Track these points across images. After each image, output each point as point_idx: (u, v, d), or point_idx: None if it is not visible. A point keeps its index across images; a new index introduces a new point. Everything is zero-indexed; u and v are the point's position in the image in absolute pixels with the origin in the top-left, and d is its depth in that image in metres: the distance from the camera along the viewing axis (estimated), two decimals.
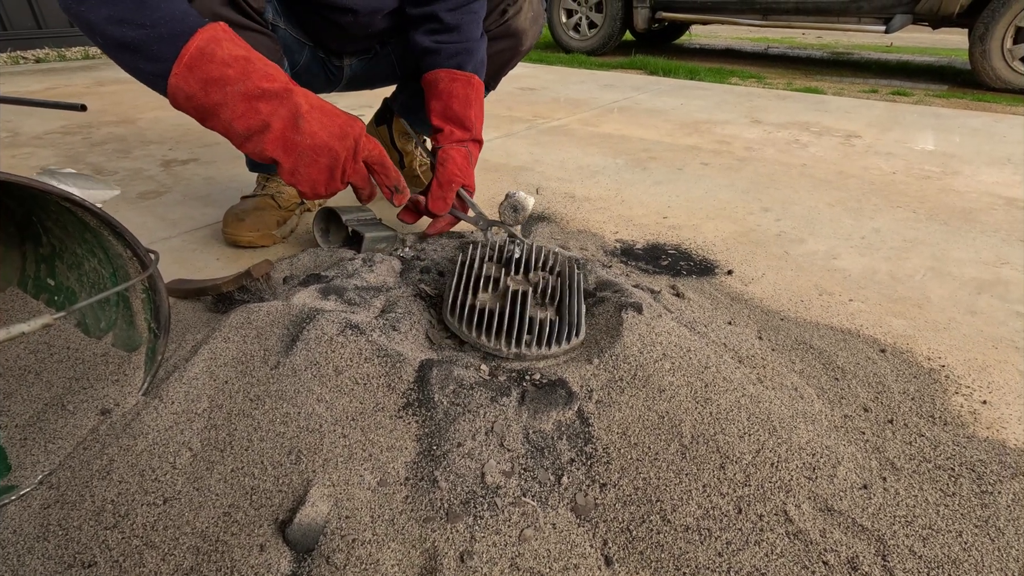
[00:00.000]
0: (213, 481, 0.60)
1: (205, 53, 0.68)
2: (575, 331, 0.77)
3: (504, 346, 0.75)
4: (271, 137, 0.72)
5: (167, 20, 0.67)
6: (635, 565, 0.56)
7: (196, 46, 0.68)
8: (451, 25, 0.98)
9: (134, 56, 0.69)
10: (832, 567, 0.56)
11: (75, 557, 0.55)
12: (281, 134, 0.72)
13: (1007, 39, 3.16)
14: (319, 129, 0.74)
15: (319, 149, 0.75)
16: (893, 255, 1.24)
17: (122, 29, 0.67)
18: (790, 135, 2.25)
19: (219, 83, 0.68)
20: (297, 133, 0.73)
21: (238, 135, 0.72)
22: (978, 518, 0.62)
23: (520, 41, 1.22)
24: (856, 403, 0.78)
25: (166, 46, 0.67)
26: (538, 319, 0.77)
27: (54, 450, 0.65)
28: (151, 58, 0.68)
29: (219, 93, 0.69)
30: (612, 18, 4.51)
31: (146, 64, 0.69)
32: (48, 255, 0.81)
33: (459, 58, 0.99)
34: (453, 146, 0.98)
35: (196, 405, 0.67)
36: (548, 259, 0.88)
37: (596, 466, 0.63)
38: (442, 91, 0.99)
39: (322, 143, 0.75)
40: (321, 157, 0.76)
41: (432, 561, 0.54)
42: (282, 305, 0.78)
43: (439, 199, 0.96)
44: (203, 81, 0.68)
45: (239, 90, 0.69)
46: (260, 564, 0.53)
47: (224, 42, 0.70)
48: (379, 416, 0.64)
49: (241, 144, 0.74)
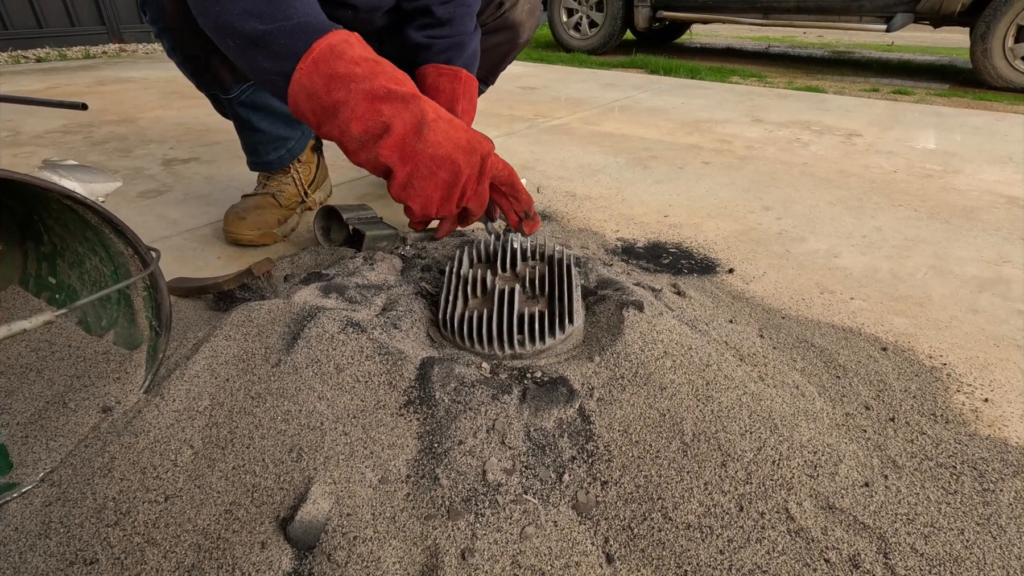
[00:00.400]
0: (214, 479, 0.60)
1: (336, 51, 0.65)
2: (568, 318, 0.76)
3: (498, 349, 0.74)
4: (390, 141, 0.66)
5: (300, 16, 0.65)
6: (636, 563, 0.56)
7: (328, 43, 0.65)
8: (443, 19, 0.97)
9: (259, 53, 0.66)
10: (834, 565, 0.56)
11: (77, 554, 0.55)
12: (401, 139, 0.66)
13: (1008, 38, 3.15)
14: (444, 140, 0.67)
15: (441, 161, 0.67)
16: (894, 253, 1.24)
17: (253, 23, 0.64)
18: (791, 134, 2.25)
19: (344, 80, 0.64)
20: (419, 140, 0.66)
21: (354, 139, 0.66)
22: (980, 516, 0.62)
23: (517, 33, 1.21)
24: (857, 401, 0.78)
25: (297, 40, 0.65)
26: (527, 314, 0.76)
27: (55, 448, 0.65)
28: (277, 54, 0.65)
29: (342, 90, 0.64)
30: (613, 17, 4.51)
31: (270, 61, 0.66)
32: (49, 253, 0.81)
33: (448, 53, 0.98)
34: None
35: (197, 403, 0.67)
36: (537, 250, 0.86)
37: (597, 464, 0.63)
38: (429, 87, 0.98)
39: (445, 154, 0.67)
40: (441, 170, 0.68)
41: (433, 559, 0.54)
42: (283, 303, 0.78)
43: None
44: (328, 77, 0.64)
45: (363, 88, 0.64)
46: (261, 561, 0.53)
47: (356, 45, 0.67)
48: (380, 414, 0.64)
49: (355, 152, 0.68)
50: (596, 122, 2.40)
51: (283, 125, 1.20)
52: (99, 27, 4.46)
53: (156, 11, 0.97)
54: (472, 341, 0.75)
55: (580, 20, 4.76)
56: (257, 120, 1.15)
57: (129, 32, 4.62)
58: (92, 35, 4.42)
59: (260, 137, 1.19)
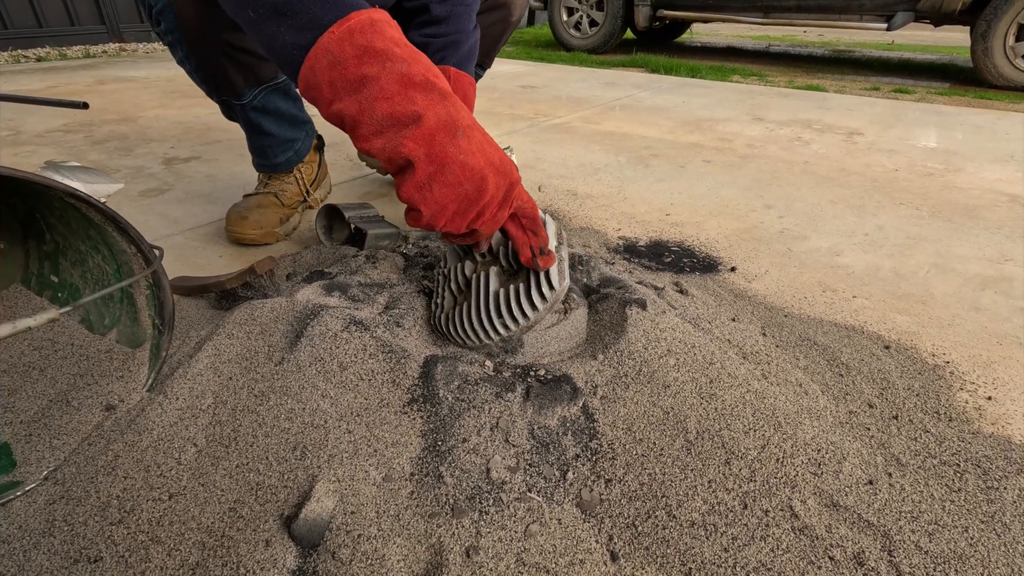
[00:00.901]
0: (218, 477, 0.60)
1: (376, 27, 0.59)
2: (547, 283, 0.71)
3: (485, 338, 0.73)
4: (420, 132, 0.58)
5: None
6: (641, 560, 0.56)
7: (370, 16, 0.59)
8: (440, 17, 0.96)
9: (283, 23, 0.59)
10: (838, 562, 0.56)
11: (81, 552, 0.55)
12: (432, 133, 0.59)
13: (1009, 36, 3.15)
14: (478, 150, 0.61)
15: (470, 171, 0.60)
16: (896, 252, 1.24)
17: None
18: (792, 132, 2.25)
19: (380, 56, 0.58)
20: (451, 142, 0.60)
21: (376, 120, 0.59)
22: (984, 514, 0.62)
23: (509, 12, 1.21)
24: (861, 399, 0.78)
25: (329, 10, 0.58)
26: (502, 294, 0.72)
27: (59, 446, 0.65)
28: (303, 24, 0.58)
29: (375, 65, 0.58)
30: (613, 16, 4.50)
31: (292, 33, 0.59)
32: (52, 252, 0.81)
33: (443, 52, 0.97)
34: None
35: (201, 401, 0.67)
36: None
37: (601, 462, 0.63)
38: None
39: (476, 166, 0.60)
40: (467, 181, 0.60)
41: (438, 556, 0.54)
42: (286, 301, 0.77)
43: None
44: (363, 48, 0.58)
45: (400, 69, 0.58)
46: (266, 559, 0.53)
47: (398, 30, 0.61)
48: (384, 412, 0.64)
49: (371, 136, 0.60)
50: (597, 121, 2.40)
51: (291, 127, 1.21)
52: (99, 26, 4.45)
53: (172, 21, 0.98)
54: (461, 338, 0.74)
55: (580, 19, 4.76)
56: (267, 124, 1.16)
57: (129, 31, 4.61)
58: (92, 34, 4.42)
59: (269, 140, 1.20)
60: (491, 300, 0.72)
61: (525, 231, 0.70)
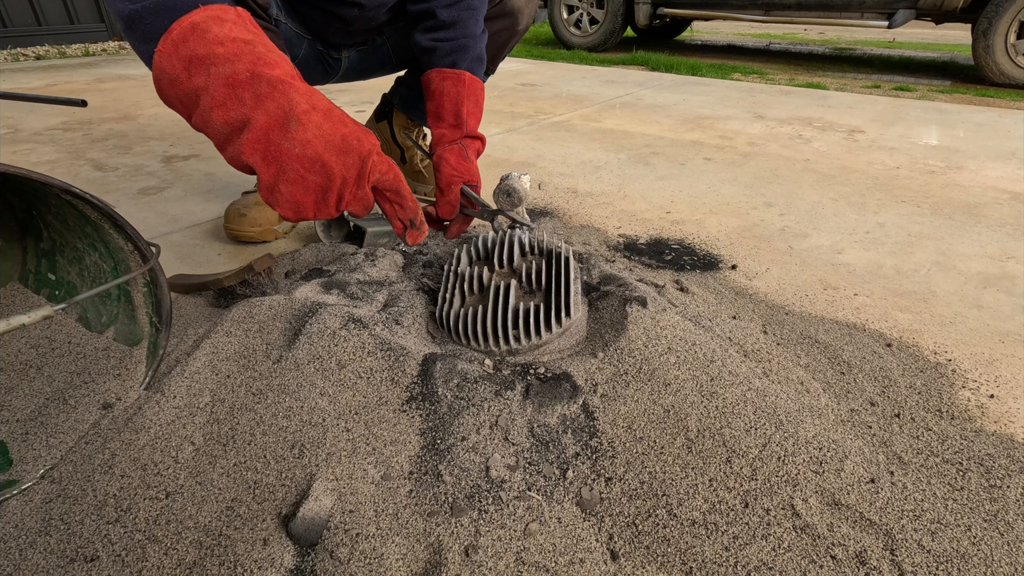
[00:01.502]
0: (216, 475, 0.59)
1: (198, 29, 0.56)
2: (565, 312, 0.74)
3: (493, 345, 0.73)
4: (251, 137, 0.56)
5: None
6: (641, 559, 0.56)
7: (191, 21, 0.56)
8: (447, 21, 0.96)
9: (133, 34, 0.58)
10: (840, 561, 0.55)
11: (77, 551, 0.54)
12: (264, 134, 0.56)
13: (1011, 34, 3.14)
14: (315, 137, 0.58)
15: (310, 163, 0.58)
16: (898, 249, 1.23)
17: (125, 2, 0.58)
18: (793, 130, 2.24)
19: (204, 62, 0.56)
20: (285, 137, 0.57)
21: (217, 132, 0.57)
22: (987, 512, 0.61)
23: (516, 20, 1.20)
24: (862, 397, 0.78)
25: (160, 19, 0.56)
26: (522, 309, 0.74)
27: (56, 444, 0.64)
28: (145, 35, 0.57)
29: (202, 75, 0.56)
30: (613, 14, 4.49)
31: (141, 43, 0.58)
32: (49, 250, 0.80)
33: (453, 56, 0.97)
34: (445, 147, 0.95)
35: (198, 399, 0.67)
36: (537, 244, 0.85)
37: (601, 460, 0.63)
38: (434, 91, 0.97)
39: (314, 155, 0.58)
40: (311, 174, 0.58)
41: (436, 555, 0.53)
42: (284, 299, 0.77)
43: (444, 204, 0.92)
44: (187, 59, 0.56)
45: (224, 72, 0.55)
46: (263, 558, 0.53)
47: (228, 23, 0.59)
48: (382, 410, 0.64)
49: (222, 146, 0.59)
50: (597, 119, 2.39)
51: None
52: (99, 25, 4.45)
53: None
54: (468, 338, 0.75)
55: (580, 17, 4.75)
56: None
57: None
58: (91, 33, 4.41)
59: None
60: (508, 313, 0.74)
61: (391, 203, 0.67)
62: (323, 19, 1.05)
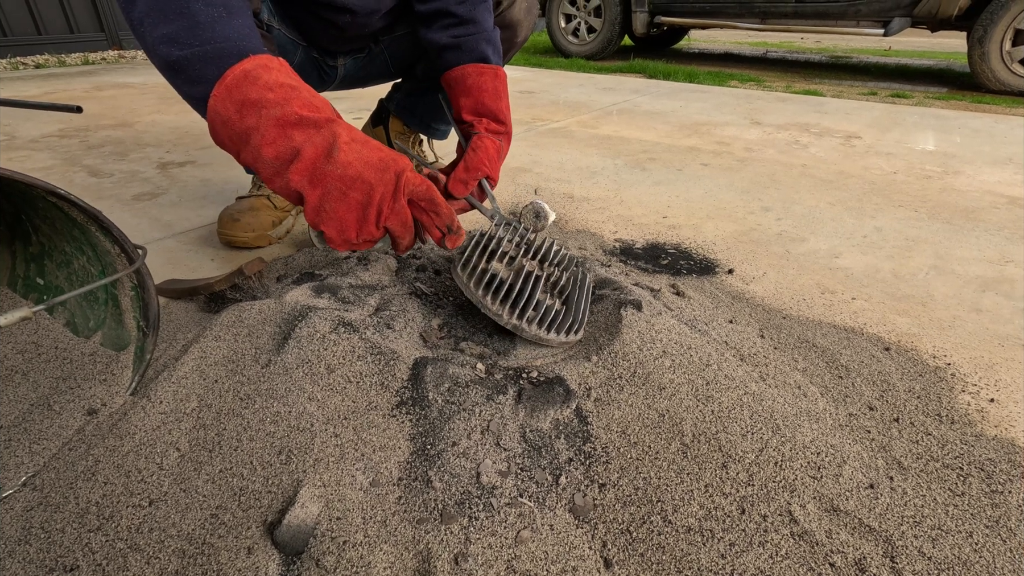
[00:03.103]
0: (200, 482, 0.58)
1: (250, 76, 0.63)
2: (578, 327, 0.76)
3: (506, 314, 0.73)
4: (299, 166, 0.63)
5: (218, 40, 0.63)
6: (635, 567, 0.55)
7: (243, 69, 0.63)
8: (466, 18, 0.96)
9: (178, 77, 0.65)
10: (839, 569, 0.54)
11: (57, 561, 0.53)
12: (311, 163, 0.63)
13: (1006, 41, 3.16)
14: (355, 159, 0.64)
15: (351, 181, 0.64)
16: (895, 253, 1.23)
17: (170, 49, 0.63)
18: (790, 136, 2.24)
19: (256, 106, 0.63)
20: (329, 162, 0.63)
21: (267, 164, 0.64)
22: (988, 518, 0.60)
23: (515, 32, 1.21)
24: (861, 401, 0.77)
25: (211, 66, 0.63)
26: (544, 303, 0.75)
27: (39, 451, 0.63)
28: (193, 79, 0.64)
29: (254, 116, 0.63)
30: (611, 23, 4.52)
31: (188, 86, 0.65)
32: (37, 254, 0.79)
33: (481, 50, 0.97)
34: (488, 136, 0.94)
35: (185, 405, 0.65)
36: (563, 259, 0.87)
37: (595, 466, 0.61)
38: (471, 86, 0.96)
39: (355, 174, 0.64)
40: (353, 191, 0.64)
41: (425, 564, 0.52)
42: (274, 303, 0.76)
43: (461, 182, 0.91)
44: (240, 103, 0.63)
45: (275, 114, 0.62)
46: (248, 567, 0.51)
47: (275, 70, 0.65)
48: (372, 415, 0.63)
49: (270, 179, 0.66)
50: (594, 125, 2.39)
51: None
52: (98, 34, 4.47)
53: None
54: (484, 293, 0.74)
55: (578, 26, 4.77)
56: None
57: (128, 39, 4.62)
58: (91, 42, 4.43)
59: None
60: (532, 301, 0.74)
61: (427, 212, 0.72)
62: (317, 25, 1.04)
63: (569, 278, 0.83)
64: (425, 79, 1.31)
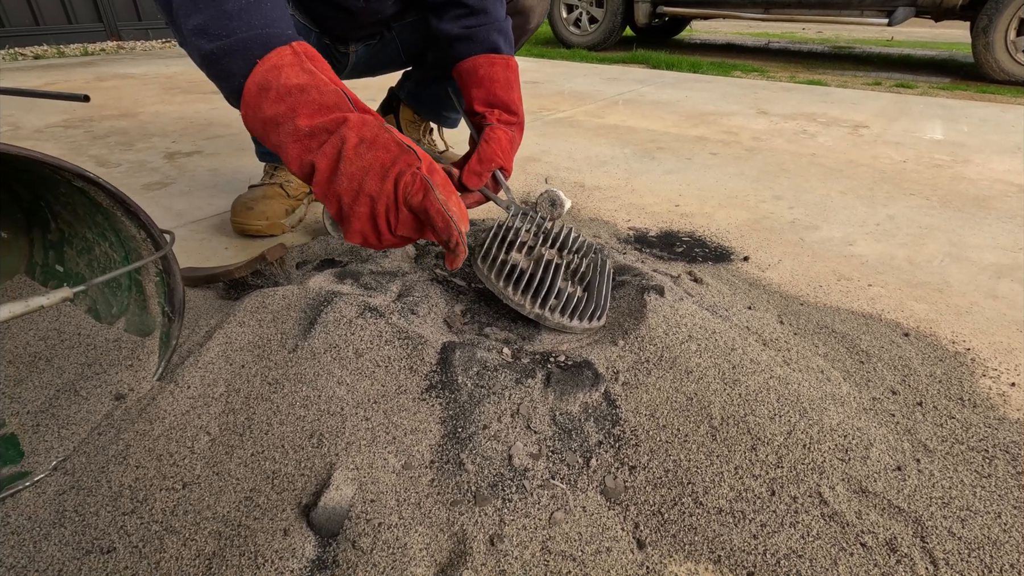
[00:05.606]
0: (233, 465, 0.58)
1: (262, 87, 0.61)
2: (600, 313, 0.76)
3: (529, 304, 0.73)
4: (317, 179, 0.62)
5: (244, 30, 0.61)
6: (668, 548, 0.55)
7: (254, 81, 0.61)
8: (477, 8, 0.95)
9: (209, 70, 0.63)
10: (870, 549, 0.54)
11: (93, 543, 0.53)
12: (323, 177, 0.61)
13: (1011, 31, 3.15)
14: (357, 170, 0.60)
15: (355, 195, 0.61)
16: (909, 241, 1.23)
17: (201, 42, 0.61)
18: (797, 125, 2.23)
19: (274, 123, 0.61)
20: (336, 176, 0.61)
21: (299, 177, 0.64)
22: (1016, 499, 0.60)
23: (528, 19, 1.20)
24: (883, 386, 0.77)
25: (237, 61, 0.61)
26: (566, 291, 0.75)
27: (68, 436, 0.63)
28: (221, 75, 0.62)
29: (275, 135, 0.62)
30: (613, 13, 4.49)
31: (220, 82, 0.63)
32: (57, 241, 0.79)
33: (492, 40, 0.96)
34: (501, 127, 0.93)
35: (213, 389, 0.65)
36: (582, 246, 0.87)
37: (625, 448, 0.62)
38: (483, 77, 0.94)
39: (358, 187, 0.61)
40: (358, 204, 0.61)
41: (461, 545, 0.52)
42: (298, 289, 0.76)
43: (475, 174, 0.90)
44: (262, 122, 0.62)
45: (289, 130, 0.61)
46: (284, 548, 0.51)
47: (286, 68, 0.62)
48: (402, 399, 0.63)
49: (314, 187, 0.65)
50: (601, 115, 2.38)
51: None
52: (96, 24, 4.42)
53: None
54: (505, 284, 0.74)
55: (580, 16, 4.74)
56: None
57: (127, 29, 4.59)
58: (90, 32, 4.39)
59: None
60: (554, 290, 0.74)
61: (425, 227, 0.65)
62: (329, 11, 1.04)
63: (589, 265, 0.83)
64: (435, 68, 1.30)
